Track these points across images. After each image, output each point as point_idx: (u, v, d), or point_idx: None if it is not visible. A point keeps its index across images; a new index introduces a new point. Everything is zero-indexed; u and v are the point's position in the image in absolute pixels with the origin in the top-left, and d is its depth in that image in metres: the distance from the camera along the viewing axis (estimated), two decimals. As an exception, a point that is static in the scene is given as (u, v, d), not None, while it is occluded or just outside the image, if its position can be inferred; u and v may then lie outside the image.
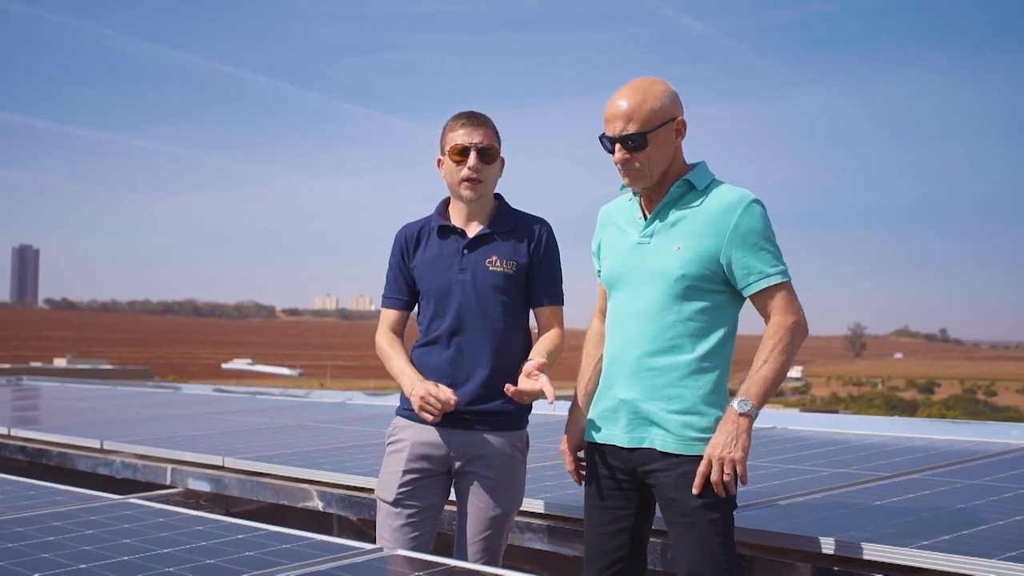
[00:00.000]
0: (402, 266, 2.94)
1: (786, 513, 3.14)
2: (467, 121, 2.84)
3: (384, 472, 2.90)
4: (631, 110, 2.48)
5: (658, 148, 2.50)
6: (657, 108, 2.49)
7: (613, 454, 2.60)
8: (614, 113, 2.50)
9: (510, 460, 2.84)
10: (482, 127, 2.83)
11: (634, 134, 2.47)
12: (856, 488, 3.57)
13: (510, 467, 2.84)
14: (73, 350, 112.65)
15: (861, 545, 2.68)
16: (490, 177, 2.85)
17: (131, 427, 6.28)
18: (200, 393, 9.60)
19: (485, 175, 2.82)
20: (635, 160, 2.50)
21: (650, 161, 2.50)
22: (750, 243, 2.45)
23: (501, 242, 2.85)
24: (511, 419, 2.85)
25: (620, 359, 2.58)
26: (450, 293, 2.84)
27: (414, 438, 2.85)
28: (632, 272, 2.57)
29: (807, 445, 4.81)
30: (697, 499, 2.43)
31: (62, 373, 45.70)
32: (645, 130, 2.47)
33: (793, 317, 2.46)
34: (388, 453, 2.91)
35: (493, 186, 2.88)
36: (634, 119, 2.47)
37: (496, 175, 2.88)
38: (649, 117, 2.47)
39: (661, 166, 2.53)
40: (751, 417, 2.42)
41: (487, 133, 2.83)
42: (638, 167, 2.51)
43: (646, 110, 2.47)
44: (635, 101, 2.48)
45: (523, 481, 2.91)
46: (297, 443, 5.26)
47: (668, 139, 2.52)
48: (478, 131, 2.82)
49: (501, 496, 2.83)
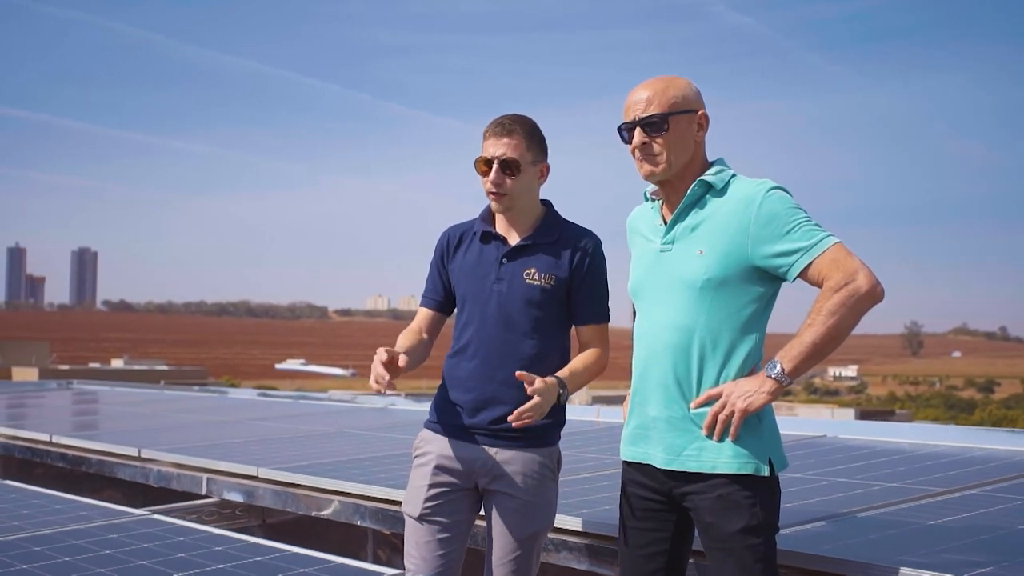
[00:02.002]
0: (440, 268, 2.85)
1: (835, 533, 2.98)
2: (494, 131, 2.72)
3: (410, 487, 2.81)
4: (653, 95, 2.38)
5: (680, 136, 2.37)
6: (679, 96, 2.38)
7: (647, 473, 2.46)
8: (635, 100, 2.39)
9: (539, 479, 2.72)
10: (508, 136, 2.69)
11: (654, 115, 2.36)
12: (909, 505, 3.39)
13: (539, 486, 2.72)
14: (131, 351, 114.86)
15: (912, 574, 2.51)
16: (516, 189, 2.71)
17: (171, 434, 6.27)
18: (244, 398, 9.62)
19: (508, 187, 2.70)
20: (653, 143, 2.37)
21: (670, 147, 2.37)
22: (778, 229, 2.28)
23: (542, 254, 2.73)
24: (540, 437, 2.73)
25: (648, 374, 2.43)
26: (483, 302, 2.73)
27: (439, 451, 2.75)
28: (656, 281, 2.43)
29: (859, 456, 4.62)
30: (736, 523, 2.28)
31: (119, 375, 46.63)
32: (666, 112, 2.36)
33: (841, 274, 2.23)
34: (414, 467, 2.82)
35: (526, 196, 2.74)
36: (655, 103, 2.37)
37: (527, 185, 2.73)
38: (672, 102, 2.37)
39: (682, 158, 2.39)
40: (779, 382, 2.25)
41: (512, 143, 2.69)
42: (657, 151, 2.37)
43: (669, 95, 2.38)
44: (658, 87, 2.39)
45: (554, 500, 2.79)
46: (335, 452, 5.19)
47: (689, 129, 2.39)
48: (501, 142, 2.70)
49: (529, 517, 2.71)
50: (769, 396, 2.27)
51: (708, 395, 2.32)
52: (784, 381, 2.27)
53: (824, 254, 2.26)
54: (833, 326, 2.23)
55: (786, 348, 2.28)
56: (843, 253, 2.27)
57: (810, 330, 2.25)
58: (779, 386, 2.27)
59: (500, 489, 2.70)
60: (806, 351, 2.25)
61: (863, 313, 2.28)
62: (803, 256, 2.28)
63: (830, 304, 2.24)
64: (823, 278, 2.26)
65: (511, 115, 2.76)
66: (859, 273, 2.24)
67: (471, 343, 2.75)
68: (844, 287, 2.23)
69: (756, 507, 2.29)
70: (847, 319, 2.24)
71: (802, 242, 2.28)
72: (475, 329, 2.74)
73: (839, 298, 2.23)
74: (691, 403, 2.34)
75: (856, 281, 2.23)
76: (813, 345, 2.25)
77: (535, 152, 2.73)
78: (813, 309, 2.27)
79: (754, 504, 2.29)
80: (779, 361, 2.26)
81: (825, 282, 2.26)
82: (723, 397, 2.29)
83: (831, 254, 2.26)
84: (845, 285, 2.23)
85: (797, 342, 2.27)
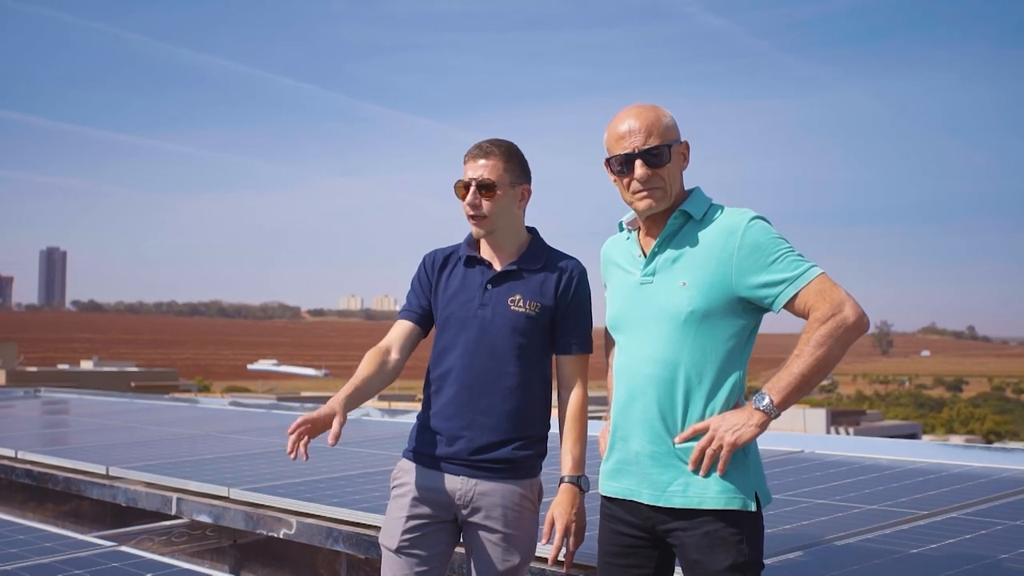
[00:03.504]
0: (423, 285, 2.80)
1: (816, 565, 2.94)
2: (472, 154, 2.69)
3: (388, 518, 2.74)
4: (650, 124, 2.34)
5: (677, 167, 2.36)
6: (671, 126, 2.37)
7: (630, 509, 2.40)
8: (630, 129, 2.35)
9: (519, 511, 2.66)
10: (485, 158, 2.66)
11: (659, 146, 2.33)
12: (891, 531, 3.36)
13: (520, 519, 2.66)
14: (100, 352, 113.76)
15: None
16: (494, 210, 2.67)
17: (140, 449, 6.16)
18: (216, 407, 9.49)
19: (486, 209, 2.66)
20: (657, 175, 2.33)
21: (671, 179, 2.35)
22: (762, 259, 2.26)
23: (528, 280, 2.68)
24: (520, 468, 2.67)
25: (631, 408, 2.38)
26: (466, 327, 2.68)
27: (418, 482, 2.69)
28: (637, 314, 2.38)
29: (837, 474, 4.60)
30: (723, 561, 2.24)
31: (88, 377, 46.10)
32: (667, 143, 2.33)
33: (827, 305, 2.21)
34: (392, 498, 2.76)
35: (506, 219, 2.70)
36: (654, 133, 2.33)
37: (506, 207, 2.68)
38: (667, 132, 2.35)
39: (675, 189, 2.37)
40: (768, 415, 2.22)
41: (490, 165, 2.66)
42: (660, 184, 2.34)
43: (664, 124, 2.35)
44: (651, 116, 2.35)
45: (535, 532, 2.73)
46: (307, 470, 5.10)
47: (679, 160, 2.38)
48: (478, 164, 2.67)
49: (510, 549, 2.65)
50: (758, 429, 2.22)
51: (694, 429, 2.27)
52: (773, 414, 2.23)
53: (810, 285, 2.24)
54: (821, 357, 2.20)
55: (774, 379, 2.24)
56: (828, 284, 2.24)
57: (798, 361, 2.22)
58: (768, 419, 2.23)
59: (480, 521, 2.64)
60: (795, 383, 2.21)
61: (850, 344, 2.25)
62: (788, 287, 2.24)
63: (817, 336, 2.20)
64: (809, 309, 2.23)
65: (490, 139, 2.72)
66: (845, 304, 2.21)
67: (452, 369, 2.69)
68: (831, 318, 2.20)
69: (743, 544, 2.25)
70: (834, 350, 2.21)
71: (787, 273, 2.25)
72: (457, 355, 2.68)
73: (826, 329, 2.20)
74: (676, 438, 2.29)
75: (843, 312, 2.21)
76: (801, 376, 2.21)
77: (514, 174, 2.68)
78: (801, 340, 2.23)
79: (741, 541, 2.25)
80: (767, 393, 2.22)
81: (812, 313, 2.23)
82: (710, 431, 2.24)
83: (816, 285, 2.24)
84: (832, 316, 2.20)
85: (785, 373, 2.23)
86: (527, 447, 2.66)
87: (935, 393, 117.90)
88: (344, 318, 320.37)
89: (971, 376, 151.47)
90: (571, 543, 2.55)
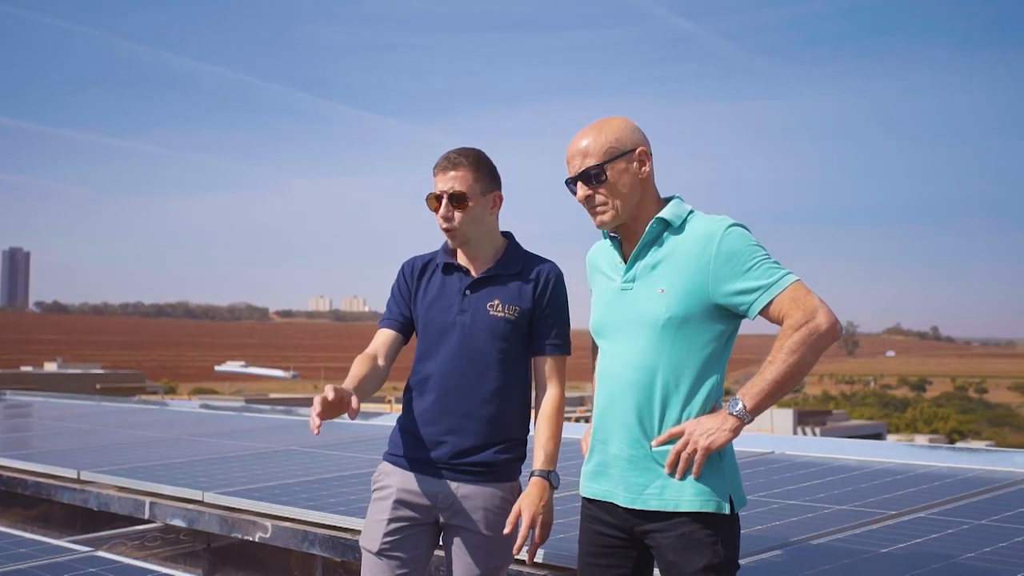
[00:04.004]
0: (404, 292, 2.83)
1: (790, 564, 3.00)
2: (441, 166, 2.72)
3: (369, 520, 2.76)
4: (588, 146, 2.40)
5: (620, 181, 2.39)
6: (613, 140, 2.40)
7: (608, 510, 2.44)
8: (572, 153, 2.43)
9: (500, 514, 2.69)
10: (454, 169, 2.69)
11: (592, 166, 2.38)
12: (861, 531, 3.42)
13: (500, 522, 2.68)
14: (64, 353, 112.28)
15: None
16: (467, 221, 2.70)
17: (111, 453, 6.11)
18: (186, 410, 9.42)
19: (459, 221, 2.69)
20: (596, 195, 2.39)
21: (613, 195, 2.39)
22: (738, 266, 2.30)
23: (506, 285, 2.72)
24: (501, 471, 2.70)
25: (610, 412, 2.42)
26: (446, 333, 2.71)
27: (399, 485, 2.71)
28: (618, 320, 2.42)
29: (807, 474, 4.66)
30: (698, 562, 2.28)
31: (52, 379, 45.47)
32: (601, 162, 2.38)
33: (801, 312, 2.25)
34: (373, 500, 2.78)
35: (479, 227, 2.73)
36: (591, 154, 2.39)
37: (478, 216, 2.72)
38: (606, 148, 2.39)
39: (628, 201, 2.41)
40: (741, 420, 2.26)
41: (459, 176, 2.69)
42: (601, 202, 2.40)
43: (601, 142, 2.40)
44: (589, 137, 2.41)
45: (514, 534, 2.75)
46: (281, 473, 5.10)
47: (629, 171, 2.40)
48: (448, 176, 2.70)
49: (489, 552, 2.68)
50: (731, 434, 2.27)
51: (670, 433, 2.31)
52: (746, 419, 2.27)
53: (784, 292, 2.28)
54: (794, 364, 2.25)
55: (748, 385, 2.28)
56: (803, 291, 2.28)
57: (771, 367, 2.26)
58: (741, 424, 2.27)
59: (461, 524, 2.67)
60: (768, 388, 2.26)
61: (823, 351, 2.29)
62: (763, 294, 2.29)
63: (790, 343, 2.25)
64: (783, 316, 2.28)
65: (457, 149, 2.76)
66: (818, 311, 2.25)
67: (432, 375, 2.71)
68: (804, 325, 2.25)
69: (718, 545, 2.29)
70: (807, 357, 2.25)
71: (762, 280, 2.29)
72: (437, 361, 2.71)
73: (799, 336, 2.24)
74: (653, 441, 2.33)
75: (816, 319, 2.25)
76: (774, 383, 2.25)
77: (484, 183, 2.71)
78: (774, 347, 2.28)
79: (716, 542, 2.29)
80: (741, 399, 2.27)
81: (785, 320, 2.27)
82: (685, 435, 2.28)
83: (791, 292, 2.28)
84: (805, 323, 2.25)
85: (759, 379, 2.27)
86: (507, 451, 2.70)
87: (899, 393, 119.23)
88: (313, 319, 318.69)
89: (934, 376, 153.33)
90: (536, 535, 2.58)
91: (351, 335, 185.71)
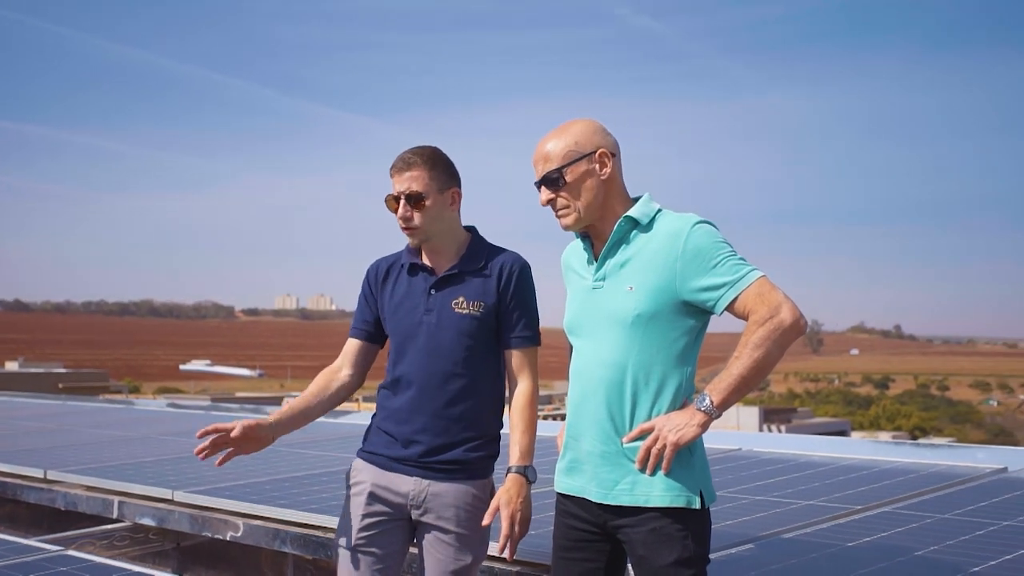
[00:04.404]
0: (369, 299, 2.84)
1: (759, 558, 3.05)
2: (397, 167, 2.73)
3: (343, 516, 2.78)
4: (549, 151, 2.44)
5: (580, 183, 2.43)
6: (572, 144, 2.43)
7: (581, 505, 2.47)
8: (536, 158, 2.47)
9: (472, 511, 2.71)
10: (409, 170, 2.70)
11: (552, 171, 2.42)
12: (828, 525, 3.49)
13: (473, 519, 2.71)
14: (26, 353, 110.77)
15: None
16: (426, 219, 2.71)
17: (78, 453, 6.06)
18: (153, 409, 9.36)
19: (418, 220, 2.71)
20: (558, 199, 2.44)
21: (574, 198, 2.43)
22: (704, 263, 2.33)
23: (470, 281, 2.73)
24: (473, 468, 2.72)
25: (583, 410, 2.45)
26: (414, 335, 2.72)
27: (373, 480, 2.73)
28: (589, 318, 2.46)
29: (774, 471, 4.73)
30: (669, 556, 2.31)
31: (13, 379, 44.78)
32: (560, 166, 2.42)
33: (765, 308, 2.29)
34: (348, 497, 2.79)
35: (440, 225, 2.74)
36: (551, 158, 2.43)
37: (437, 214, 2.72)
38: (565, 153, 2.42)
39: (591, 203, 2.44)
40: (709, 415, 2.30)
41: (415, 175, 2.70)
42: (563, 205, 2.44)
43: (561, 146, 2.43)
44: (552, 141, 2.45)
45: (487, 532, 2.78)
46: (251, 472, 5.09)
47: (590, 173, 2.43)
48: (404, 176, 2.71)
49: (462, 549, 2.70)
50: (700, 429, 2.30)
51: (640, 429, 2.35)
52: (713, 414, 2.31)
53: (749, 288, 2.31)
54: (759, 359, 2.28)
55: (715, 381, 2.32)
56: (767, 287, 2.32)
57: (737, 363, 2.30)
58: (709, 419, 2.31)
59: (433, 522, 2.69)
60: (734, 383, 2.30)
61: (787, 345, 2.33)
62: (729, 290, 2.32)
63: (755, 338, 2.28)
64: (748, 311, 2.31)
65: (412, 148, 2.76)
66: (783, 307, 2.29)
67: (403, 376, 2.73)
68: (768, 320, 2.28)
69: (688, 540, 2.32)
70: (772, 352, 2.29)
71: (728, 276, 2.33)
72: (407, 361, 2.73)
73: (764, 332, 2.28)
74: (624, 437, 2.37)
75: (780, 315, 2.28)
76: (741, 378, 2.29)
77: (441, 180, 2.72)
78: (740, 342, 2.32)
79: (686, 537, 2.32)
80: (708, 394, 2.30)
81: (751, 316, 2.31)
82: (655, 431, 2.32)
83: (756, 288, 2.32)
84: (770, 319, 2.28)
85: (726, 375, 2.31)
86: (479, 448, 2.71)
87: (863, 391, 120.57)
88: (279, 318, 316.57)
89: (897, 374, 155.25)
90: (516, 532, 2.59)
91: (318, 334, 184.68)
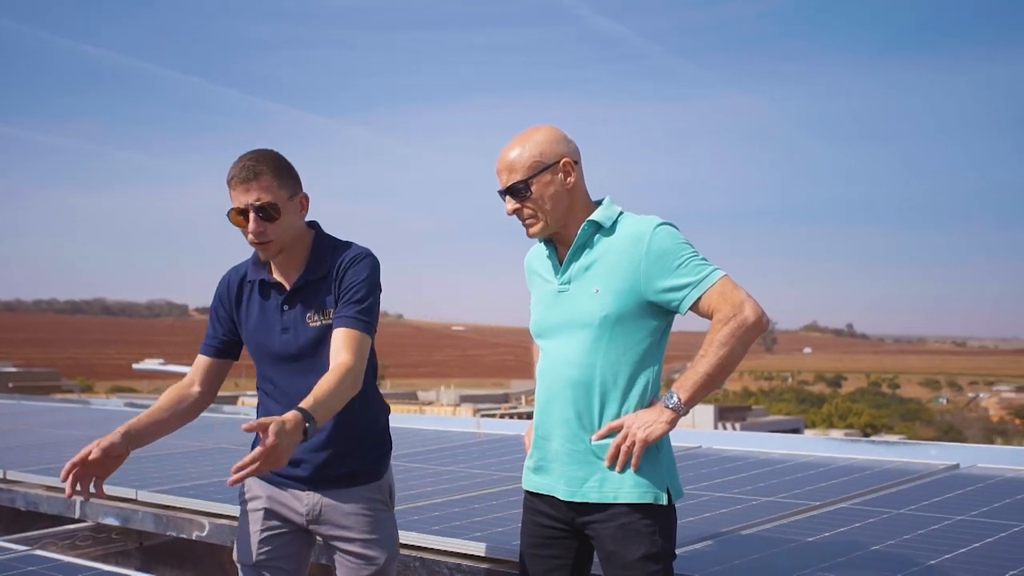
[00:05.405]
0: (221, 315, 2.73)
1: (722, 554, 3.12)
2: (239, 176, 2.53)
3: (241, 533, 2.68)
4: (512, 160, 2.47)
5: (545, 193, 2.46)
6: (537, 154, 2.46)
7: (550, 503, 2.52)
8: (500, 167, 2.49)
9: (372, 514, 2.64)
10: (256, 179, 2.52)
11: (517, 182, 2.45)
12: (788, 521, 3.57)
13: (374, 522, 2.63)
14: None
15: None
16: (280, 231, 2.57)
17: (36, 452, 6.00)
18: (110, 408, 9.27)
19: (272, 233, 2.56)
20: (524, 208, 2.47)
21: (540, 207, 2.47)
22: (667, 264, 2.39)
23: (316, 291, 2.62)
24: (364, 474, 2.65)
25: (550, 409, 2.50)
26: (276, 354, 2.63)
27: (268, 495, 2.66)
28: (555, 321, 2.51)
29: (735, 468, 4.81)
30: (636, 551, 2.37)
31: (-39, 378, 43.93)
32: (526, 177, 2.45)
33: (728, 307, 2.35)
34: (243, 513, 2.71)
35: (291, 236, 2.61)
36: (516, 168, 2.46)
37: (290, 223, 2.59)
38: (530, 164, 2.45)
39: (557, 211, 2.48)
40: (676, 412, 2.36)
41: (262, 185, 2.53)
42: (529, 215, 2.48)
43: (525, 157, 2.46)
44: (512, 153, 2.47)
45: (393, 531, 2.71)
46: (215, 471, 5.08)
47: (555, 182, 2.47)
48: (250, 187, 2.53)
49: (367, 553, 2.62)
50: (668, 426, 2.36)
51: (609, 427, 2.40)
52: (681, 411, 2.37)
53: (712, 288, 2.38)
54: (724, 356, 2.35)
55: (681, 379, 2.38)
56: (730, 286, 2.39)
57: (703, 361, 2.36)
58: (676, 416, 2.37)
59: (335, 533, 2.62)
60: (700, 381, 2.36)
61: (751, 343, 2.40)
62: (693, 290, 2.38)
63: (720, 336, 2.35)
64: (712, 310, 2.38)
65: (250, 155, 2.58)
66: (745, 305, 2.36)
67: (274, 394, 2.65)
68: (732, 319, 2.35)
69: (656, 535, 2.38)
70: (737, 349, 2.35)
71: (691, 276, 2.39)
72: (275, 380, 2.65)
73: (728, 330, 2.35)
74: (592, 435, 2.42)
75: (743, 313, 2.35)
76: (707, 375, 2.36)
77: (289, 187, 2.58)
78: (705, 341, 2.38)
79: (654, 532, 2.38)
80: (676, 392, 2.37)
81: (714, 314, 2.37)
82: (624, 429, 2.37)
83: (719, 287, 2.38)
84: (733, 317, 2.35)
85: (692, 373, 2.37)
86: (366, 453, 2.65)
87: (816, 389, 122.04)
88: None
89: (850, 372, 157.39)
90: (257, 465, 2.21)
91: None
